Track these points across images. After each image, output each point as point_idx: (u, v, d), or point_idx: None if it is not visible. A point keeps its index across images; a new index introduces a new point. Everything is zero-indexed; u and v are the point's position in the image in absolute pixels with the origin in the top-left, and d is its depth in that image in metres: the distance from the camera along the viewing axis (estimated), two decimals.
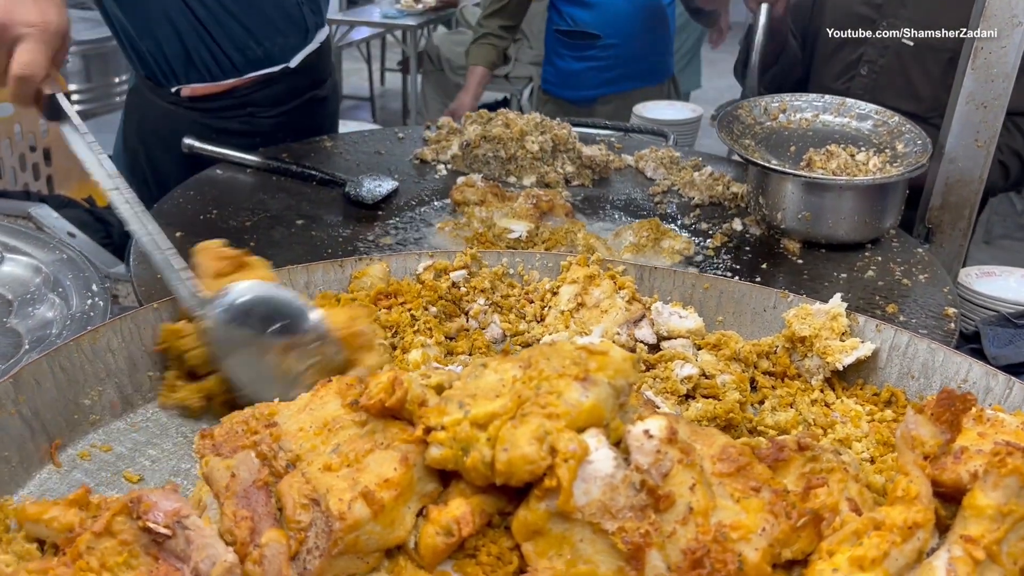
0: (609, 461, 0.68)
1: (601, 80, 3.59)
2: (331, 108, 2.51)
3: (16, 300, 1.29)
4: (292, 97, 1.85)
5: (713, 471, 0.70)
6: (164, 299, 1.02)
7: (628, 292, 1.22)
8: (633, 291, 1.22)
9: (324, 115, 2.45)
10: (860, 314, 1.15)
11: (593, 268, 1.24)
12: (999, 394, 0.99)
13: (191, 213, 1.83)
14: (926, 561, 0.67)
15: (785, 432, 1.01)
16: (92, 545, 0.68)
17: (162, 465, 0.91)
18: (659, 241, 1.86)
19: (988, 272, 2.07)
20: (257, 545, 0.68)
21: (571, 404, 0.69)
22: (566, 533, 0.68)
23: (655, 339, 1.18)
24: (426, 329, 1.14)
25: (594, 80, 3.62)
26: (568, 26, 3.60)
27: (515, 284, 1.27)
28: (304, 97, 2.27)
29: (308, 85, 2.31)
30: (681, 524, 0.67)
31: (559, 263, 1.27)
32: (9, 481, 0.83)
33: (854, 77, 2.45)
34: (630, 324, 1.17)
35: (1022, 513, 0.66)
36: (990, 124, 1.87)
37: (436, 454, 0.70)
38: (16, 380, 0.85)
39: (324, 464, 0.73)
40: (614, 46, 3.58)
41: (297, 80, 2.26)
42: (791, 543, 0.68)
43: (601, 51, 3.59)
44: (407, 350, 1.10)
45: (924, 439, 0.72)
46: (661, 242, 1.85)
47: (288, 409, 0.79)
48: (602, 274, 1.23)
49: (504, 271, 1.28)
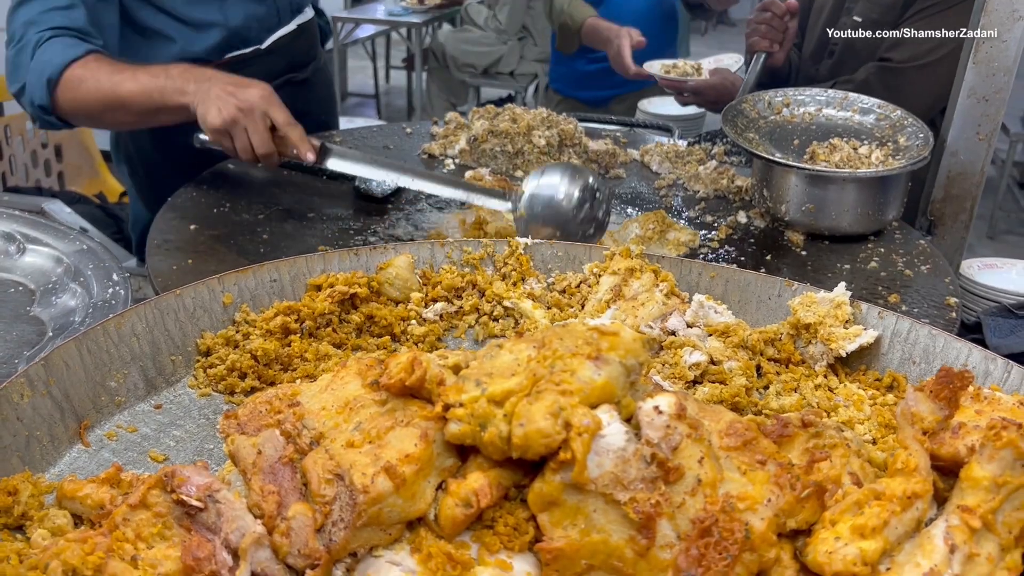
0: (621, 435, 0.71)
1: (615, 80, 3.56)
2: (319, 94, 2.50)
3: (39, 290, 1.32)
4: (267, 78, 1.90)
5: (720, 445, 0.73)
6: (186, 285, 1.05)
7: (668, 285, 1.23)
8: (673, 285, 1.24)
9: (309, 100, 2.42)
10: (863, 302, 1.18)
11: (636, 261, 1.26)
12: (998, 378, 1.02)
13: (205, 206, 1.86)
14: (925, 530, 0.70)
15: None
16: (128, 517, 0.71)
17: (186, 445, 0.94)
18: (664, 233, 1.89)
19: (990, 264, 2.10)
20: (284, 518, 0.71)
21: (584, 381, 0.72)
22: (580, 504, 0.71)
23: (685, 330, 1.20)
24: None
25: (608, 81, 3.59)
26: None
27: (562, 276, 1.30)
28: (280, 79, 2.24)
29: (284, 68, 2.30)
30: (690, 495, 0.70)
31: (602, 254, 1.29)
32: (41, 460, 0.86)
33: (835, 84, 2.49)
34: (664, 317, 1.18)
35: (1017, 484, 0.69)
36: (991, 117, 1.90)
37: (455, 429, 0.73)
38: (47, 362, 0.88)
39: (347, 441, 0.76)
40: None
41: (272, 62, 2.24)
42: (795, 513, 0.71)
43: None
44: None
45: (923, 415, 0.75)
46: (667, 234, 1.88)
47: (310, 390, 0.82)
48: (645, 267, 1.25)
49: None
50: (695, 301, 1.21)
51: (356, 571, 0.71)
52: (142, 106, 1.81)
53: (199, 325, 1.07)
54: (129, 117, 1.86)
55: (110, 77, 1.80)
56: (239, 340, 1.08)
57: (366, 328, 1.18)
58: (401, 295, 1.24)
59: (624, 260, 1.24)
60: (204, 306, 1.07)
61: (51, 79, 1.80)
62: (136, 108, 1.82)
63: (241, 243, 1.73)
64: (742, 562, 0.69)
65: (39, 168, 3.42)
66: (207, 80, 1.79)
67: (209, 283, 1.08)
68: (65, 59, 1.80)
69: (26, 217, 1.46)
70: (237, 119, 1.73)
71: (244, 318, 1.11)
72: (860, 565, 0.67)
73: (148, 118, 1.87)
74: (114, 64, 1.84)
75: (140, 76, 1.81)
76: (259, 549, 0.70)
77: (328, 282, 1.18)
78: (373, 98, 7.86)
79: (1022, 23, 1.81)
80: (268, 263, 1.14)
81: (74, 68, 1.80)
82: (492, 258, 1.30)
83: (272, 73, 2.22)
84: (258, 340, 1.07)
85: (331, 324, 1.15)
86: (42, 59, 1.81)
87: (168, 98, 1.79)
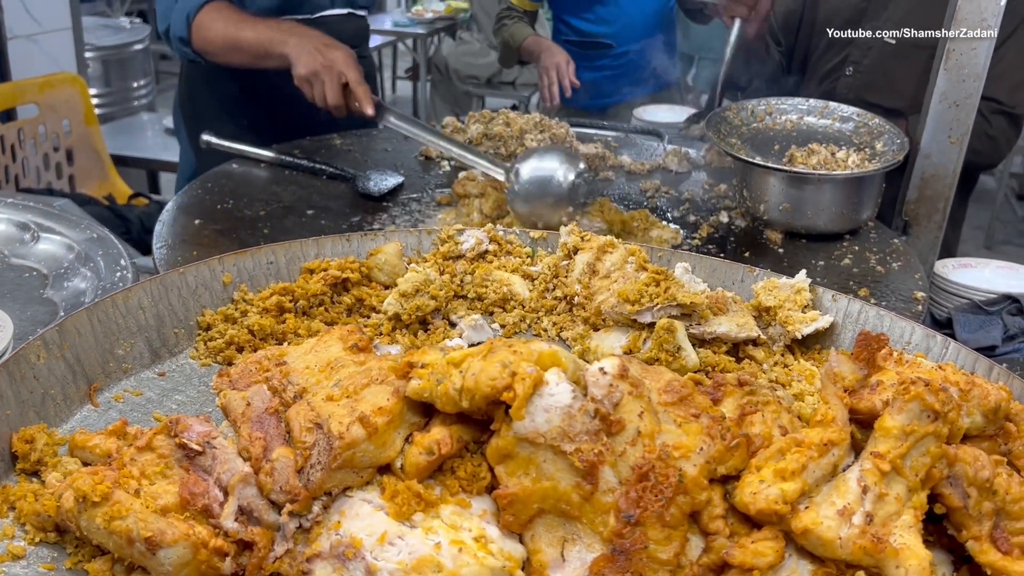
0: (567, 393, 0.79)
1: (615, 87, 3.60)
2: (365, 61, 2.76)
3: (51, 274, 1.42)
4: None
5: (659, 401, 0.82)
6: (189, 264, 1.14)
7: (638, 260, 1.31)
8: (644, 259, 1.31)
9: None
10: (819, 286, 1.26)
11: (608, 239, 1.34)
12: (937, 353, 1.10)
13: (209, 203, 1.96)
14: (841, 474, 0.78)
15: None
16: (135, 457, 0.80)
17: (187, 409, 1.03)
18: (648, 231, 1.97)
19: (964, 264, 2.18)
20: (269, 460, 0.80)
21: (534, 348, 0.81)
22: (531, 456, 0.79)
23: None
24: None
25: (608, 88, 3.63)
26: (577, 37, 3.61)
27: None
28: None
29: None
30: (630, 445, 0.79)
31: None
32: (55, 416, 0.95)
33: (840, 77, 2.57)
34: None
35: (923, 432, 0.77)
36: (962, 121, 1.98)
37: (415, 385, 0.81)
38: (61, 328, 0.97)
39: (327, 395, 0.84)
40: (626, 54, 3.58)
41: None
42: (725, 461, 0.79)
43: (614, 60, 3.60)
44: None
45: (844, 374, 0.83)
46: (650, 232, 1.97)
47: (296, 351, 0.91)
48: (617, 244, 1.32)
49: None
50: (679, 268, 1.28)
51: (332, 508, 0.79)
52: (255, 51, 2.24)
53: (200, 302, 1.16)
54: (245, 58, 2.28)
55: (235, 24, 2.25)
56: (237, 317, 1.17)
57: (356, 309, 1.27)
58: (390, 280, 1.32)
59: (597, 238, 1.32)
60: (205, 284, 1.16)
61: (189, 15, 2.27)
62: (251, 52, 2.24)
63: (243, 237, 1.82)
64: (676, 504, 0.77)
65: (51, 171, 3.53)
66: (305, 36, 2.19)
67: (210, 263, 1.17)
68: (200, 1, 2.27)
69: (40, 208, 1.56)
70: (319, 72, 2.11)
71: (242, 296, 1.20)
72: (780, 504, 0.75)
73: (259, 61, 2.27)
74: (238, 13, 2.30)
75: (258, 26, 2.25)
76: (246, 486, 0.78)
77: (321, 266, 1.27)
78: None
79: (990, 31, 1.90)
80: (265, 246, 1.23)
81: (207, 10, 2.27)
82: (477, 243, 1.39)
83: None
84: (255, 316, 1.16)
85: (323, 304, 1.24)
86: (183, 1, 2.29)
87: (274, 47, 2.20)
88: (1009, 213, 6.39)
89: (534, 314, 1.30)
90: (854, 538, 0.74)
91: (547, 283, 1.34)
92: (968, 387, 0.85)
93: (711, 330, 1.16)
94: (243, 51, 2.26)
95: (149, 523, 0.74)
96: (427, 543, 0.74)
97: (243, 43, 2.24)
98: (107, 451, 0.88)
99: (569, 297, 1.31)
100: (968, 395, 0.85)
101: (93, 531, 0.76)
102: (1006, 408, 0.87)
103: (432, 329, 1.24)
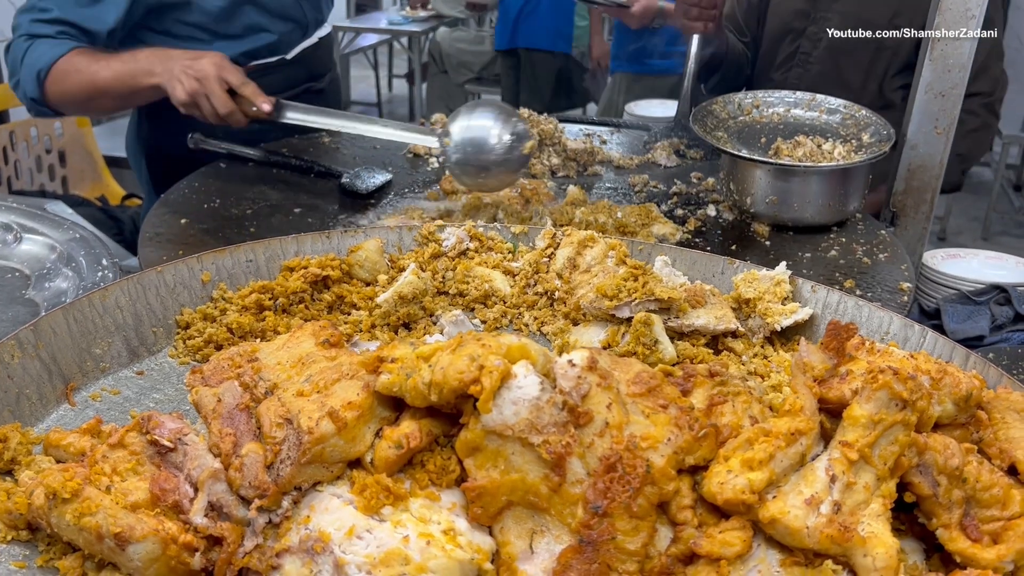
0: (535, 386, 0.79)
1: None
2: (330, 101, 2.64)
3: (33, 275, 1.42)
4: (288, 87, 2.04)
5: (628, 392, 0.82)
6: (166, 263, 1.14)
7: (618, 254, 1.31)
8: (624, 254, 1.31)
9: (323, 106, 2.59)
10: (799, 278, 1.26)
11: (588, 233, 1.35)
12: (915, 343, 1.10)
13: (196, 202, 1.96)
14: (809, 464, 0.78)
15: None
16: (107, 455, 0.80)
17: (164, 407, 1.03)
18: (649, 226, 1.97)
19: (953, 254, 2.18)
20: (239, 456, 0.80)
21: (503, 341, 0.81)
22: (500, 448, 0.80)
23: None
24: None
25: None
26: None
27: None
28: (300, 87, 2.41)
29: (305, 77, 2.46)
30: (598, 436, 0.79)
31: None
32: (30, 415, 0.95)
33: (791, 68, 2.58)
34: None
35: (891, 421, 0.77)
36: (948, 112, 1.98)
37: (385, 380, 0.81)
38: (35, 328, 0.97)
39: (298, 391, 0.84)
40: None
41: (294, 71, 2.41)
42: (693, 451, 0.79)
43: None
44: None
45: (814, 364, 0.83)
46: (651, 227, 1.97)
47: (268, 347, 0.91)
48: (598, 239, 1.33)
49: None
50: (658, 262, 1.28)
51: (301, 503, 0.79)
52: (119, 91, 2.00)
53: (179, 300, 1.16)
54: (110, 102, 2.05)
55: (88, 67, 1.98)
56: (216, 315, 1.17)
57: (336, 306, 1.27)
58: (370, 276, 1.33)
59: (577, 234, 1.32)
60: (184, 283, 1.17)
61: (40, 73, 2.00)
62: (114, 93, 2.01)
63: (229, 236, 1.82)
64: (644, 494, 0.77)
65: (43, 172, 3.54)
66: (170, 59, 1.97)
67: (188, 261, 1.17)
68: (53, 56, 1.99)
69: (24, 209, 1.56)
70: (197, 89, 1.92)
71: (221, 295, 1.20)
72: (748, 493, 0.75)
73: (127, 101, 2.07)
74: (93, 55, 2.02)
75: (113, 64, 1.99)
76: (216, 482, 0.78)
77: (302, 264, 1.27)
78: (376, 107, 7.99)
79: (974, 22, 1.89)
80: (244, 244, 1.23)
81: (59, 64, 1.99)
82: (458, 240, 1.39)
83: (294, 82, 2.38)
84: (234, 315, 1.16)
85: (303, 302, 1.24)
86: (33, 56, 2.02)
87: (139, 81, 1.98)
88: (1006, 204, 6.39)
89: (515, 309, 1.31)
90: (821, 527, 0.74)
91: (528, 279, 1.34)
92: (939, 375, 0.85)
93: (689, 323, 1.16)
94: (106, 95, 2.01)
95: (118, 519, 0.75)
96: (395, 536, 0.74)
97: (102, 86, 1.99)
98: (81, 449, 0.88)
99: (550, 292, 1.31)
100: (939, 383, 0.85)
101: (63, 528, 0.76)
102: (978, 396, 0.87)
103: (414, 327, 1.24)
